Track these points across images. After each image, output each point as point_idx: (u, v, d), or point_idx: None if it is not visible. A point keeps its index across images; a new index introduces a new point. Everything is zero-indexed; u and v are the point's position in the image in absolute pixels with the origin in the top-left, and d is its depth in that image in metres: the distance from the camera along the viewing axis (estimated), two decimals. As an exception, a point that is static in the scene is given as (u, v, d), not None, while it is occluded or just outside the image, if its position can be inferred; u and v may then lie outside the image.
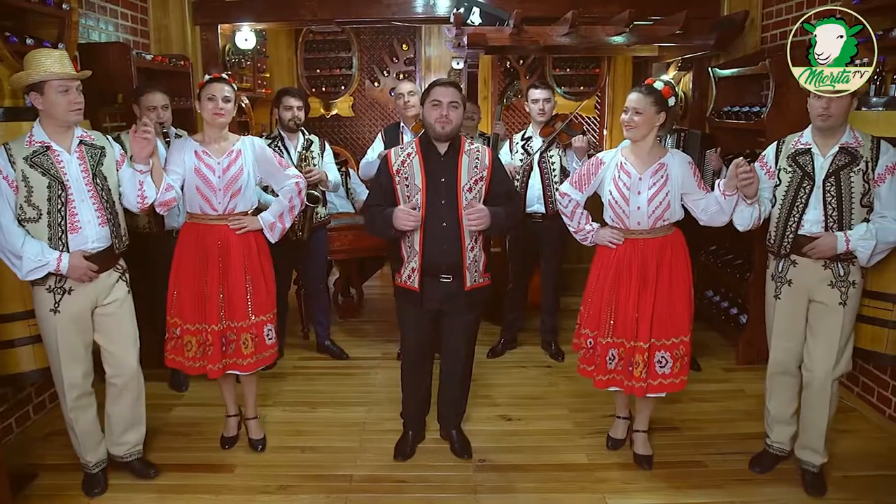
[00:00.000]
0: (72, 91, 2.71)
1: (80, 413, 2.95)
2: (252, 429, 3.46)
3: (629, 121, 2.97)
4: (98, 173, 2.83)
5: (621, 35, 5.03)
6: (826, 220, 2.84)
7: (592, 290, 3.19)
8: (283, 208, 3.28)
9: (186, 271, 3.15)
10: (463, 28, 5.15)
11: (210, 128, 3.15)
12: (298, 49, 8.02)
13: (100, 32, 4.37)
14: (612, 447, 3.40)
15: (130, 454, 3.14)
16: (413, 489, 3.11)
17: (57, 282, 2.78)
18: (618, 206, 3.04)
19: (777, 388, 3.13)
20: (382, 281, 6.19)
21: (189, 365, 3.20)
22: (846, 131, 2.82)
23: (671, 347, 3.05)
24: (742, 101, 4.84)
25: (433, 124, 2.97)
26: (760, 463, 3.20)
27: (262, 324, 3.22)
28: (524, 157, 4.32)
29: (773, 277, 3.06)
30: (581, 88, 8.01)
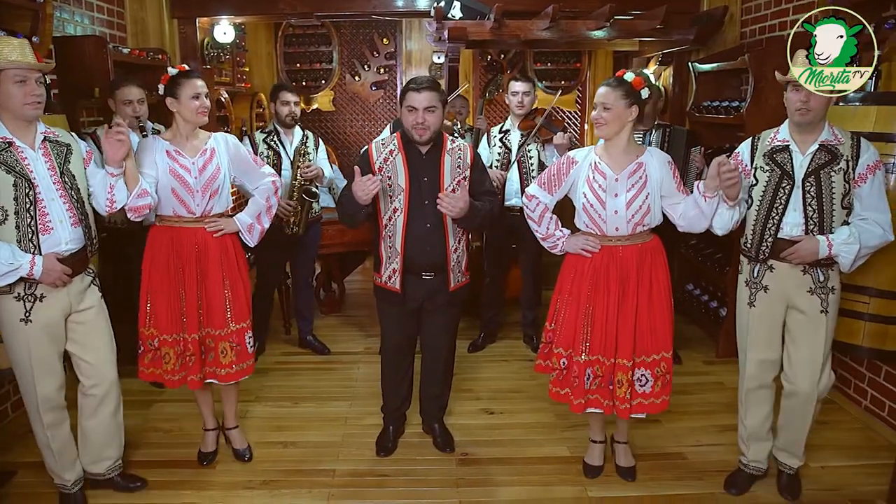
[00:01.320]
0: (30, 83, 2.48)
1: (56, 430, 2.76)
2: (235, 439, 3.32)
3: (598, 117, 2.73)
4: (66, 171, 2.64)
5: (602, 29, 5.05)
6: (807, 222, 2.68)
7: (565, 305, 2.92)
8: (259, 208, 3.12)
9: (160, 279, 2.96)
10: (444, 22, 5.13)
11: (187, 126, 2.94)
12: (278, 43, 7.96)
13: (75, 25, 4.31)
14: (591, 475, 3.14)
15: (112, 470, 2.97)
16: (396, 483, 3.12)
17: (27, 288, 2.57)
18: (593, 209, 2.81)
19: (753, 403, 2.95)
20: (364, 276, 6.18)
21: (168, 378, 3.03)
22: (825, 128, 2.68)
23: (652, 365, 2.85)
24: (722, 95, 4.89)
25: (410, 131, 2.90)
26: (736, 484, 3.02)
27: (242, 331, 3.07)
28: (502, 151, 4.32)
29: (746, 283, 2.88)
30: (562, 83, 8.03)
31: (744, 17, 5.00)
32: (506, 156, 4.31)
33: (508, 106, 4.39)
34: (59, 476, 2.86)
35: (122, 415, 2.98)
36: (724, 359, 4.39)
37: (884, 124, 2.96)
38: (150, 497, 3.00)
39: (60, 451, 2.81)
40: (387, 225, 3.00)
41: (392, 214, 2.98)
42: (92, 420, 2.87)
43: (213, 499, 3.00)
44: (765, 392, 2.94)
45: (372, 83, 8.28)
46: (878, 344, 3.07)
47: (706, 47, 5.28)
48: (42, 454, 2.85)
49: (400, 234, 2.97)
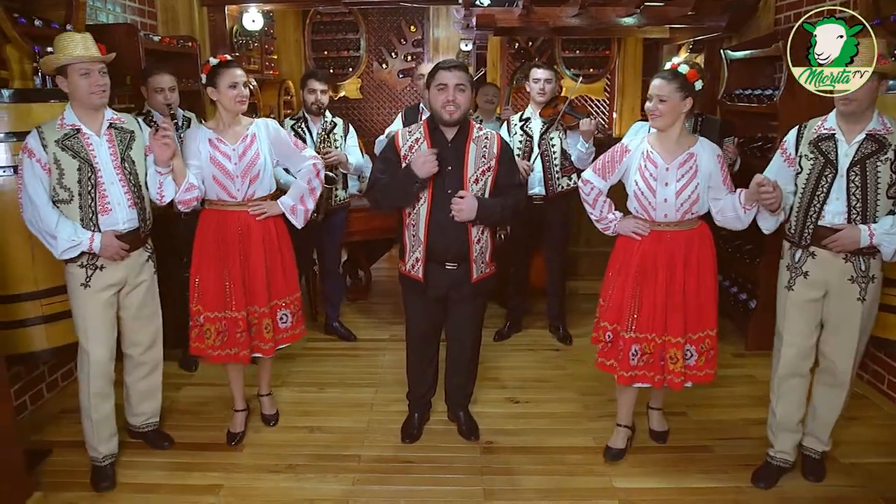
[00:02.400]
0: (93, 74, 2.72)
1: (100, 401, 2.95)
2: (265, 404, 3.52)
3: (654, 109, 2.81)
4: (127, 157, 2.86)
5: (632, 16, 4.99)
6: (849, 211, 2.66)
7: (613, 282, 3.05)
8: (301, 191, 3.23)
9: (207, 259, 3.13)
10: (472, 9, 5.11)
11: (228, 114, 3.07)
12: (306, 30, 8.00)
13: (107, 13, 4.36)
14: (612, 459, 3.18)
15: (147, 425, 3.25)
16: (420, 469, 3.13)
17: (90, 258, 2.83)
18: (644, 197, 2.90)
19: (786, 391, 2.94)
20: (390, 263, 6.19)
21: (210, 353, 3.18)
22: (874, 117, 2.63)
23: (697, 341, 2.97)
24: (755, 83, 4.79)
25: (440, 110, 2.88)
26: (764, 478, 3.00)
27: (283, 307, 3.27)
28: (523, 139, 4.29)
29: (787, 268, 2.88)
30: (591, 70, 7.96)
31: (778, 3, 4.88)
32: (527, 144, 4.27)
33: (529, 93, 4.35)
34: (94, 448, 3.01)
35: (160, 377, 3.26)
36: (754, 351, 4.33)
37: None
38: (178, 478, 3.06)
39: (99, 422, 2.98)
40: (410, 213, 3.00)
41: (416, 202, 2.97)
42: (131, 377, 3.17)
43: (239, 481, 3.04)
44: (798, 381, 2.92)
45: (399, 71, 8.28)
46: (914, 339, 3.00)
47: (739, 34, 5.19)
48: (82, 424, 3.01)
49: (423, 223, 2.96)
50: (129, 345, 3.09)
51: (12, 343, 2.99)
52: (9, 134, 2.88)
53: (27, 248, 2.95)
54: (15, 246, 2.94)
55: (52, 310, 3.05)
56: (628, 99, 8.09)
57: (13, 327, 3.00)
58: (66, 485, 2.99)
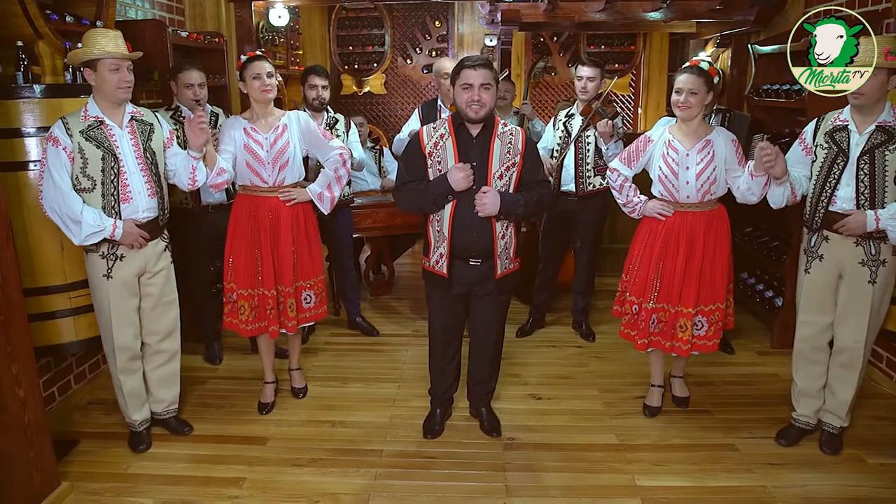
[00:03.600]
0: (122, 70, 2.83)
1: (128, 375, 3.13)
2: (295, 378, 3.76)
3: (685, 102, 3.06)
4: (147, 148, 2.98)
5: (658, 11, 4.94)
6: (858, 197, 2.85)
7: (638, 259, 3.33)
8: (329, 179, 3.44)
9: (240, 240, 3.33)
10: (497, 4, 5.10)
11: (258, 104, 3.30)
12: (331, 26, 8.03)
13: (136, 10, 4.41)
14: (650, 415, 3.52)
15: (167, 412, 3.34)
16: (442, 465, 3.14)
17: (110, 248, 2.93)
18: (667, 180, 3.18)
19: (804, 362, 3.18)
20: (413, 258, 6.22)
21: (243, 328, 3.39)
22: (886, 109, 2.82)
23: (708, 313, 3.26)
24: (783, 79, 4.71)
25: (465, 109, 2.87)
26: (786, 436, 3.26)
27: (308, 288, 3.46)
28: (563, 135, 4.27)
29: (805, 251, 3.12)
30: (616, 66, 7.90)
31: (808, -3, 4.80)
32: (566, 140, 4.25)
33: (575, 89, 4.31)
34: (129, 416, 3.21)
35: (178, 364, 3.35)
36: (779, 349, 4.27)
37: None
38: (202, 470, 3.09)
39: (131, 393, 3.18)
40: (435, 210, 3.01)
41: None
42: (150, 364, 3.25)
43: (262, 474, 3.07)
44: (816, 353, 3.16)
45: (424, 66, 8.27)
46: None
47: (767, 29, 5.11)
48: (116, 396, 3.21)
49: (448, 219, 2.96)
50: (146, 334, 3.18)
51: (41, 335, 3.04)
52: (40, 129, 2.91)
53: (56, 242, 3.00)
54: (45, 239, 2.99)
55: (80, 302, 3.11)
56: (654, 94, 8.02)
57: (43, 319, 3.05)
58: (92, 475, 3.04)
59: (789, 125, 4.50)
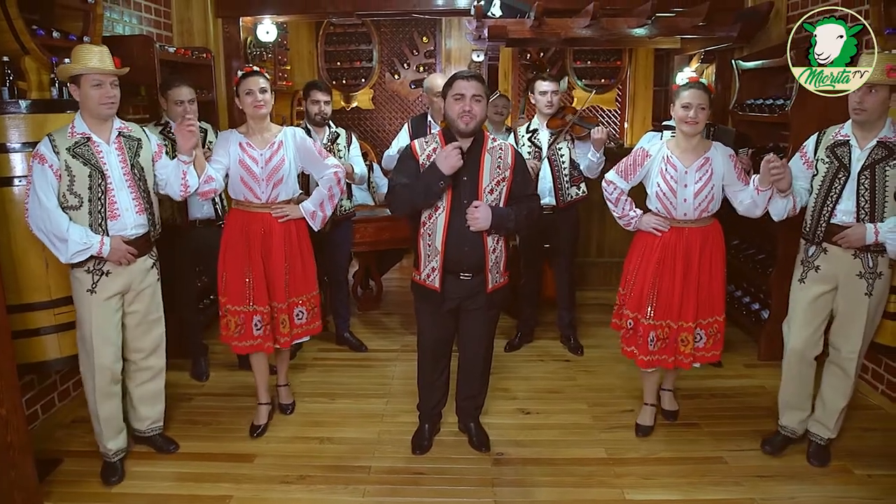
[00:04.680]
0: (105, 86, 2.81)
1: (105, 400, 3.03)
2: (283, 394, 3.72)
3: (695, 117, 3.05)
4: (135, 164, 2.96)
5: (643, 27, 4.99)
6: (858, 211, 2.88)
7: (634, 273, 3.32)
8: (322, 197, 3.43)
9: (233, 256, 3.31)
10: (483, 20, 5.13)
11: (252, 120, 3.28)
12: (319, 42, 8.06)
13: (124, 25, 4.41)
14: (643, 434, 3.46)
15: (151, 429, 3.29)
16: (431, 481, 3.12)
17: (96, 264, 2.89)
18: (665, 198, 3.17)
19: (792, 374, 3.19)
20: (401, 273, 6.21)
21: (234, 344, 3.36)
22: (886, 125, 2.85)
23: (707, 326, 3.28)
24: (766, 93, 4.78)
25: (456, 120, 2.90)
26: (772, 443, 3.28)
27: (300, 304, 3.44)
28: (532, 150, 4.29)
29: (801, 262, 3.13)
30: (602, 81, 7.97)
31: (790, 13, 4.86)
32: (536, 154, 4.27)
33: (535, 105, 4.33)
34: (103, 445, 3.10)
35: (163, 381, 3.30)
36: (766, 361, 4.29)
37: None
38: (188, 489, 3.06)
39: (107, 420, 3.08)
40: (426, 222, 3.00)
41: (433, 212, 2.97)
42: (133, 381, 3.20)
43: (249, 492, 3.04)
44: (804, 367, 3.16)
45: (411, 81, 8.31)
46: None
47: (750, 44, 5.17)
48: (92, 422, 3.11)
49: (440, 233, 2.96)
50: (131, 351, 3.13)
51: (25, 352, 3.01)
52: (26, 144, 2.90)
53: (41, 258, 2.97)
54: (29, 255, 2.96)
55: (64, 319, 3.07)
56: (639, 109, 8.09)
57: (27, 336, 3.01)
58: (76, 495, 3.00)
59: (773, 139, 4.55)
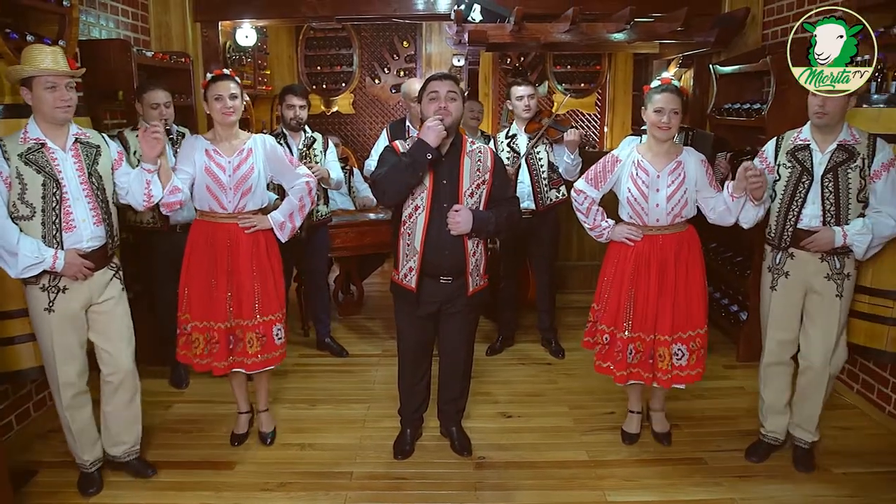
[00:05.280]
0: (59, 88, 2.65)
1: (75, 412, 2.92)
2: (263, 422, 3.49)
3: (667, 122, 2.95)
4: (93, 172, 2.80)
5: (622, 32, 5.02)
6: (824, 214, 2.90)
7: (609, 286, 3.20)
8: (293, 207, 3.27)
9: (196, 268, 3.15)
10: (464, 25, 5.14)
11: (220, 126, 3.13)
12: (299, 46, 8.03)
13: (100, 29, 4.37)
14: (629, 442, 3.42)
15: (128, 454, 3.11)
16: (413, 486, 3.11)
17: (51, 280, 2.74)
18: (637, 203, 3.07)
19: (771, 377, 3.19)
20: (383, 278, 6.19)
21: (196, 362, 3.19)
22: (844, 129, 2.87)
23: (687, 340, 3.12)
24: (743, 98, 4.84)
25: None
26: (756, 452, 3.26)
27: (270, 323, 3.21)
28: (511, 155, 4.31)
29: (769, 269, 3.12)
30: (582, 85, 8.03)
31: (766, 19, 4.94)
32: (515, 160, 4.29)
33: (513, 111, 4.35)
34: (79, 456, 3.01)
35: (138, 404, 3.12)
36: (745, 363, 4.34)
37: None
38: (168, 497, 3.02)
39: (80, 432, 2.97)
40: (406, 222, 2.99)
41: (413, 212, 2.97)
42: (109, 405, 3.03)
43: (229, 500, 3.01)
44: (783, 368, 3.17)
45: (392, 86, 8.30)
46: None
47: (727, 49, 5.23)
48: (65, 434, 2.99)
49: (420, 234, 2.96)
50: (107, 371, 2.96)
51: (1, 361, 2.96)
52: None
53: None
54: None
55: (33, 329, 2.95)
56: (619, 113, 8.16)
57: (1, 345, 2.97)
58: (53, 505, 2.96)
59: (750, 142, 4.60)
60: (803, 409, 3.15)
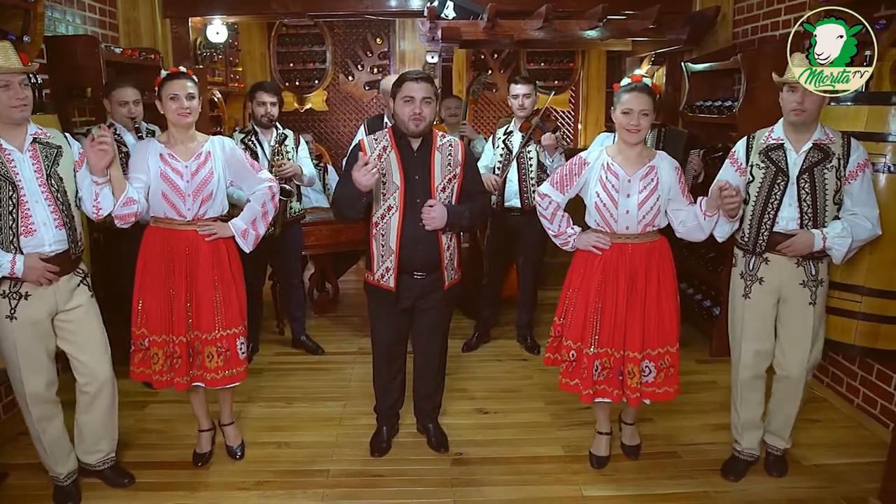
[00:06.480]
0: (13, 86, 2.51)
1: (46, 424, 2.81)
2: (229, 435, 3.33)
3: (636, 125, 2.75)
4: (53, 174, 2.66)
5: (595, 29, 5.06)
6: (801, 216, 2.78)
7: (574, 299, 2.99)
8: (255, 214, 3.07)
9: (152, 280, 2.94)
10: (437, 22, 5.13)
11: (175, 129, 2.90)
12: (271, 43, 7.95)
13: (67, 25, 4.29)
14: (598, 465, 3.21)
15: (103, 462, 3.01)
16: (390, 483, 3.11)
17: (12, 286, 2.62)
18: (605, 209, 2.87)
19: (747, 392, 3.05)
20: (358, 275, 6.16)
21: (157, 378, 2.99)
22: (818, 127, 2.77)
23: (656, 358, 2.93)
24: (714, 95, 4.90)
25: (406, 122, 2.89)
26: (734, 471, 3.11)
27: (233, 337, 3.03)
28: (504, 153, 4.32)
29: (742, 276, 2.97)
30: (556, 82, 8.06)
31: (736, 18, 5.01)
32: (507, 157, 4.30)
33: (511, 108, 4.37)
34: (52, 469, 2.91)
35: (116, 412, 3.02)
36: (718, 357, 4.39)
37: (874, 124, 2.98)
38: (142, 498, 2.99)
39: (51, 444, 2.86)
40: (378, 223, 2.98)
41: (386, 212, 2.96)
42: (85, 415, 2.92)
43: (205, 500, 2.99)
44: (758, 382, 3.05)
45: (365, 83, 8.27)
46: (870, 342, 3.08)
47: (699, 47, 5.29)
48: (35, 447, 2.90)
49: (394, 233, 2.95)
50: (80, 379, 2.85)
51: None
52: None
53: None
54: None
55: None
56: (593, 110, 8.21)
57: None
58: (24, 508, 2.91)
59: (722, 140, 4.65)
60: (778, 417, 3.07)
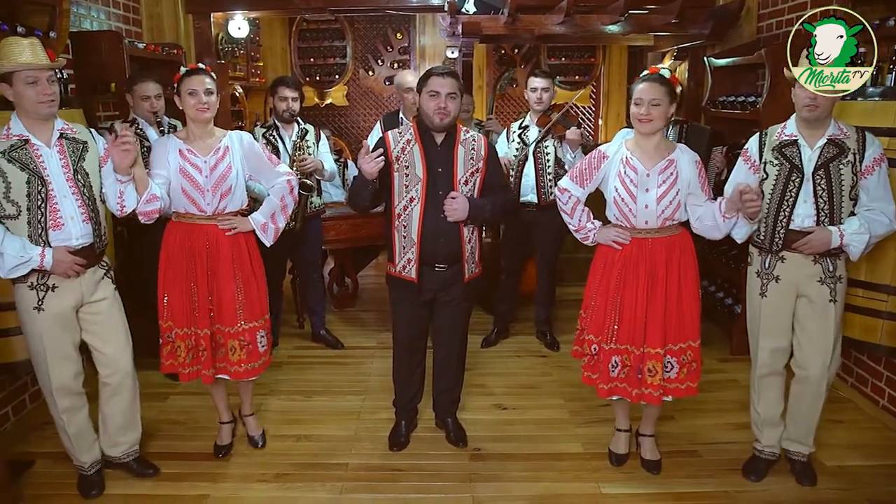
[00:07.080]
0: (41, 82, 2.54)
1: (71, 415, 2.85)
2: (251, 425, 3.39)
3: (646, 114, 2.72)
4: (79, 169, 2.70)
5: (616, 24, 5.03)
6: (818, 213, 2.74)
7: (595, 293, 2.98)
8: (274, 208, 3.11)
9: (174, 274, 2.99)
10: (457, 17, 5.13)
11: (194, 124, 2.94)
12: (292, 38, 7.98)
13: (91, 20, 4.34)
14: (617, 463, 3.19)
15: (127, 454, 3.06)
16: (408, 477, 3.12)
17: (40, 279, 2.67)
18: (624, 203, 2.84)
19: (765, 389, 3.02)
20: (377, 270, 6.18)
21: (181, 371, 3.06)
22: (832, 123, 2.74)
23: (678, 353, 2.89)
24: (737, 90, 4.85)
25: (431, 116, 2.92)
26: (755, 470, 3.07)
27: (254, 330, 3.07)
28: (520, 147, 4.31)
29: (758, 274, 2.94)
30: (576, 78, 8.02)
31: (760, 11, 4.94)
32: (523, 151, 4.29)
33: (528, 102, 4.35)
34: (77, 458, 2.95)
35: (138, 403, 3.07)
36: (739, 356, 4.35)
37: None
38: (165, 488, 3.03)
39: (77, 434, 2.90)
40: (401, 215, 3.00)
41: (408, 204, 2.98)
42: (108, 407, 2.97)
43: (226, 491, 3.02)
44: (776, 378, 3.01)
45: (385, 78, 8.27)
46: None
47: (722, 42, 5.24)
48: (60, 437, 2.94)
49: (416, 225, 2.97)
50: (105, 373, 2.90)
51: (-4, 353, 2.95)
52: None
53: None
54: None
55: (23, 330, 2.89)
56: (613, 106, 8.16)
57: (-3, 337, 2.95)
58: (49, 497, 2.96)
59: (745, 136, 4.55)
60: (799, 422, 3.00)
